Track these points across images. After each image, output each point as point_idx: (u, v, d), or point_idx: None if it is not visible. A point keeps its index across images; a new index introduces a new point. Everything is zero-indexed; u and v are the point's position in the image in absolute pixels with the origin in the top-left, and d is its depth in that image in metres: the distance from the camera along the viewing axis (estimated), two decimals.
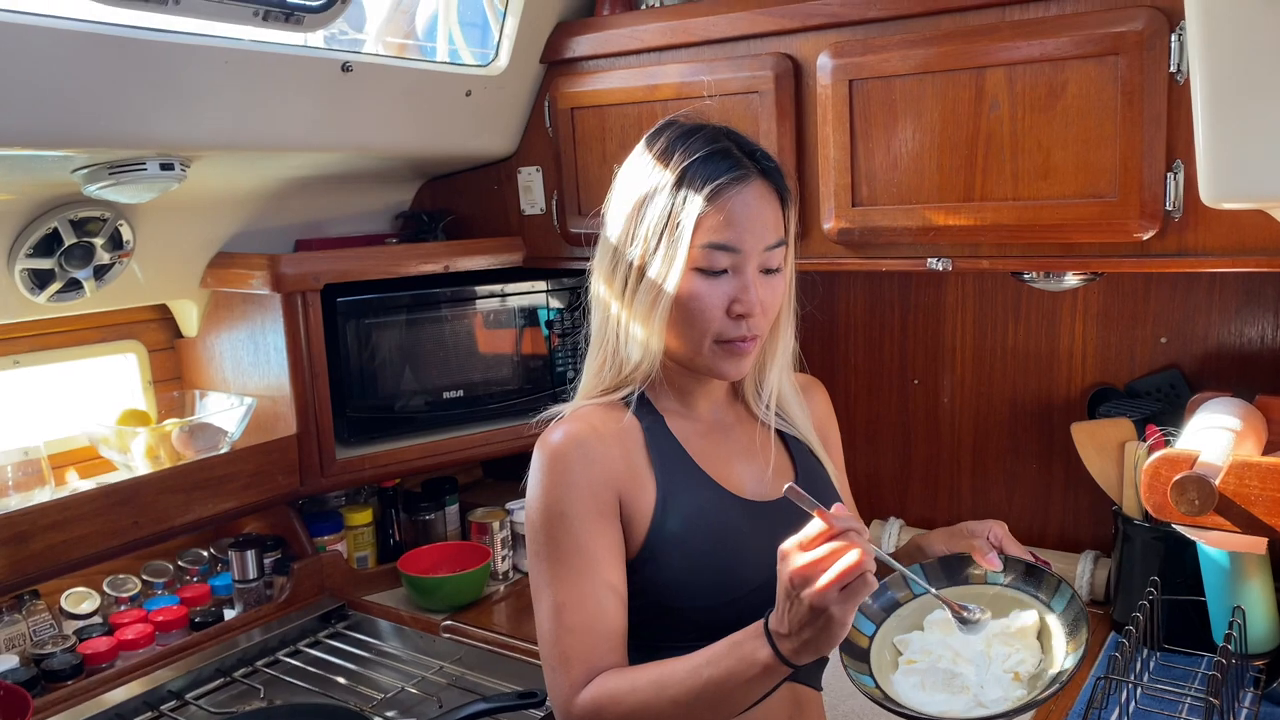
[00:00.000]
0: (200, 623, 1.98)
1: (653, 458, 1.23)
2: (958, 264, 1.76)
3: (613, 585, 1.18)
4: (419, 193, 2.43)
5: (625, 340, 1.25)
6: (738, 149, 1.22)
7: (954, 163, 1.71)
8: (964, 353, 2.13)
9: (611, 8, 2.08)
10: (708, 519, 1.22)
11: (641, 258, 1.21)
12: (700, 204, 1.17)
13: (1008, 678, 1.14)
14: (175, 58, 1.54)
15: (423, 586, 2.08)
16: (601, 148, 2.09)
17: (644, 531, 1.21)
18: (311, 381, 2.06)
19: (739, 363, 1.22)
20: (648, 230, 1.20)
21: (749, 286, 1.18)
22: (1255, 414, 1.64)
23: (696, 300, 1.18)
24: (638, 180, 1.23)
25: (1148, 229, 1.57)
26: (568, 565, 1.17)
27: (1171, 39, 1.50)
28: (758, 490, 1.29)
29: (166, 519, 1.87)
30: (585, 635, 1.15)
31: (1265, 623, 1.63)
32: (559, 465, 1.18)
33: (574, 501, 1.17)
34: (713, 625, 1.18)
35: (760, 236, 1.19)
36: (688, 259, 1.17)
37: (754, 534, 1.23)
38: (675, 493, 1.22)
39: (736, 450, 1.31)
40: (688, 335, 1.21)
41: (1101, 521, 2.00)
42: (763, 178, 1.21)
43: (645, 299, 1.21)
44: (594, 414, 1.25)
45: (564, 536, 1.17)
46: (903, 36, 1.72)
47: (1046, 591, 1.22)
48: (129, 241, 1.89)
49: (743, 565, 1.21)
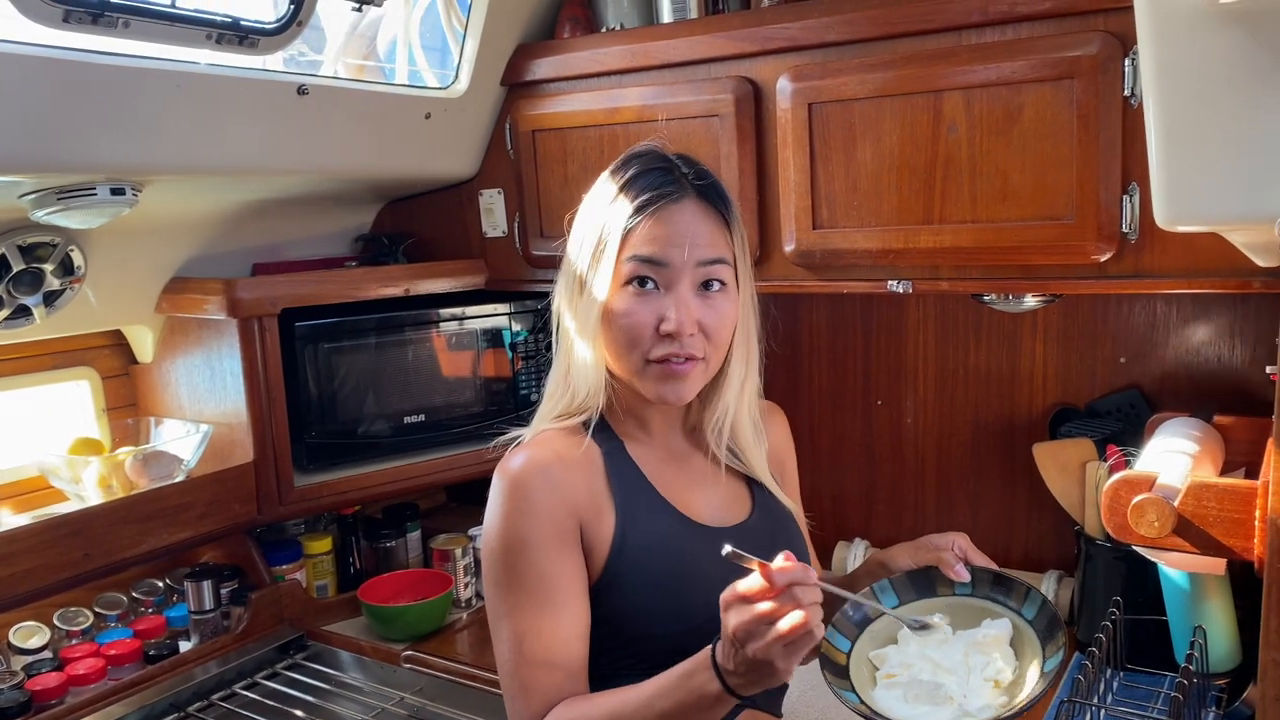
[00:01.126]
0: (154, 655, 1.93)
1: (612, 484, 1.22)
2: (918, 286, 1.76)
3: (575, 615, 1.17)
4: (379, 215, 2.41)
5: (577, 363, 1.24)
6: (678, 168, 1.21)
7: (913, 185, 1.71)
8: (926, 373, 2.13)
9: (572, 31, 2.07)
10: (667, 546, 1.21)
11: (581, 276, 1.21)
12: (627, 216, 1.17)
13: (988, 686, 1.13)
14: (126, 81, 1.52)
15: (383, 616, 2.04)
16: (563, 170, 2.09)
17: (604, 558, 1.19)
18: (269, 408, 2.02)
19: (677, 386, 1.19)
20: (584, 246, 1.21)
21: (679, 303, 1.16)
22: (1213, 434, 1.65)
23: (626, 317, 1.17)
24: (587, 205, 1.25)
25: (1105, 251, 1.58)
26: (529, 595, 1.15)
27: (1125, 63, 1.52)
28: (716, 516, 1.27)
29: (119, 550, 1.83)
30: (545, 666, 1.14)
31: (1226, 642, 1.64)
32: (520, 492, 1.16)
33: (536, 530, 1.15)
34: (672, 652, 1.17)
35: (692, 251, 1.17)
36: (616, 273, 1.17)
37: (712, 561, 1.20)
38: (635, 519, 1.21)
39: (695, 477, 1.30)
40: (624, 355, 1.19)
41: (1065, 541, 2.00)
42: (699, 195, 1.20)
43: (583, 316, 1.21)
44: (555, 439, 1.23)
45: (525, 565, 1.15)
46: (861, 60, 1.73)
47: (1016, 599, 1.22)
48: (80, 267, 1.85)
49: (701, 592, 1.18)
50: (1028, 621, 1.19)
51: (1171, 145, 1.30)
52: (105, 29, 1.42)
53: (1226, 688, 1.63)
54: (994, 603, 1.22)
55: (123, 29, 1.44)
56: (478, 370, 2.32)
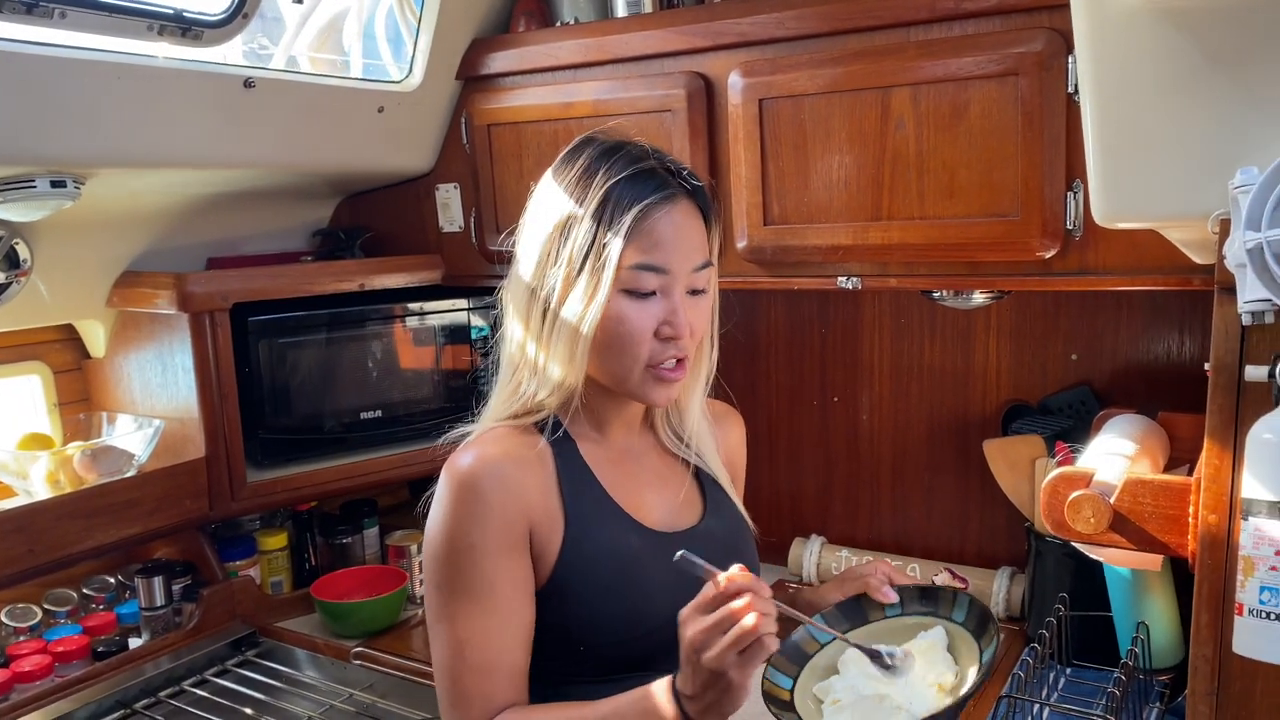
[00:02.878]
0: (103, 652, 1.92)
1: (563, 486, 1.18)
2: (867, 282, 1.76)
3: (519, 622, 1.13)
4: (337, 209, 2.40)
5: (542, 367, 1.19)
6: (663, 168, 1.18)
7: (862, 182, 1.71)
8: (882, 370, 2.13)
9: (527, 24, 2.06)
10: (617, 552, 1.18)
11: (565, 281, 1.15)
12: (628, 225, 1.12)
13: (932, 690, 1.13)
14: (64, 72, 1.50)
15: (336, 612, 2.03)
16: (518, 165, 2.08)
17: (552, 563, 1.16)
18: (220, 403, 2.01)
19: (669, 389, 1.19)
20: (571, 254, 1.14)
21: (678, 308, 1.15)
22: (1158, 431, 1.66)
23: (624, 324, 1.14)
24: (556, 202, 1.18)
25: (1049, 248, 1.59)
26: (472, 600, 1.11)
27: (1069, 60, 1.52)
28: (667, 521, 1.25)
29: (64, 546, 1.82)
30: (487, 673, 1.10)
31: (1168, 637, 1.65)
32: (469, 494, 1.12)
33: (484, 533, 1.11)
34: (618, 660, 1.15)
35: (688, 257, 1.16)
36: (614, 281, 1.13)
37: (662, 568, 1.16)
38: (585, 524, 1.17)
39: (648, 479, 1.27)
40: (617, 361, 1.16)
41: (1017, 538, 2.01)
42: (689, 197, 1.18)
43: (568, 325, 1.15)
44: (507, 437, 1.19)
45: (470, 569, 1.11)
46: (810, 56, 1.73)
47: (945, 608, 1.21)
48: (26, 260, 1.84)
49: (649, 600, 1.17)
50: (959, 624, 1.19)
51: (1108, 143, 1.30)
52: (40, 19, 1.40)
53: (1170, 683, 1.64)
54: (924, 615, 1.22)
55: (59, 19, 1.42)
56: (435, 366, 2.31)
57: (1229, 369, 1.22)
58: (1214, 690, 1.22)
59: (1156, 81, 1.25)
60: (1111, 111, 1.29)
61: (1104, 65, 1.28)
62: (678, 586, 1.14)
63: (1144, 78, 1.26)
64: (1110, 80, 1.28)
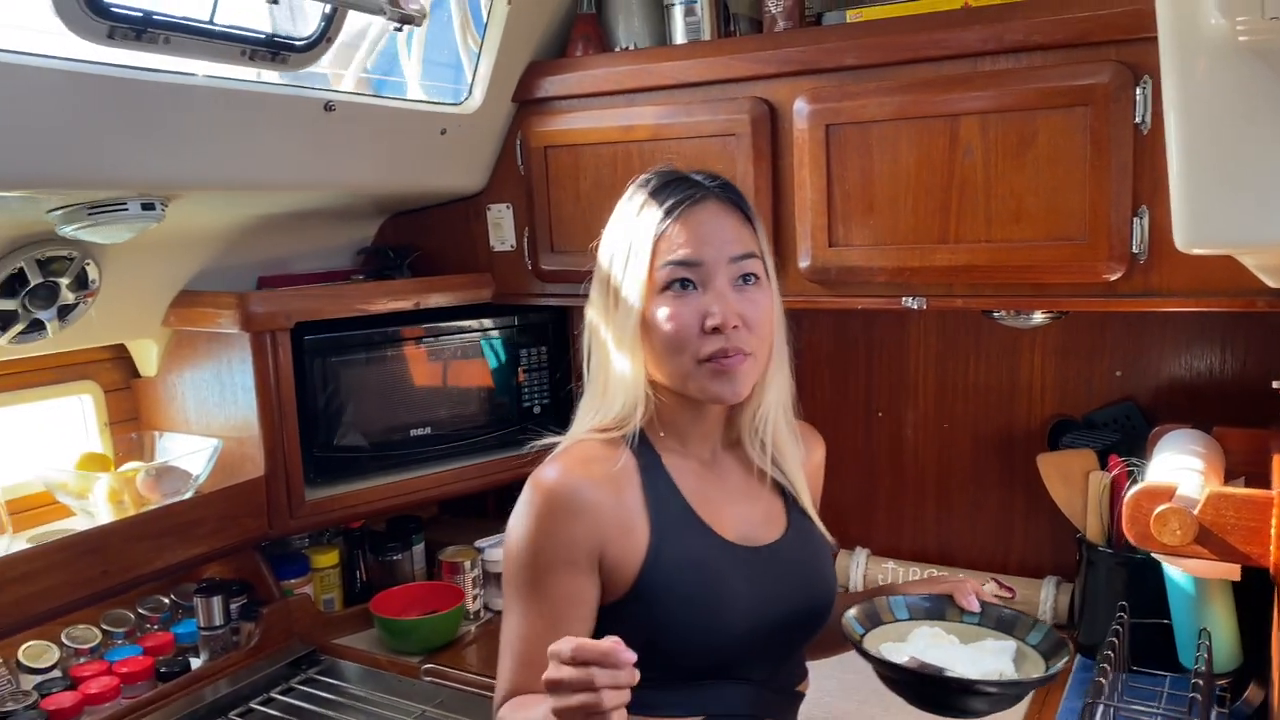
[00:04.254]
0: (166, 673, 1.91)
1: (648, 499, 1.23)
2: (932, 303, 1.82)
3: (567, 630, 1.17)
4: (381, 228, 2.42)
5: (614, 376, 1.25)
6: (692, 176, 1.26)
7: (929, 206, 1.77)
8: (927, 387, 2.19)
9: (584, 49, 2.10)
10: (698, 564, 1.22)
11: (616, 294, 1.24)
12: (656, 224, 1.20)
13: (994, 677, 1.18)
14: (162, 97, 1.51)
15: (397, 629, 2.04)
16: (575, 186, 2.11)
17: (635, 572, 1.20)
18: (280, 422, 2.02)
19: (731, 382, 1.20)
20: (615, 259, 1.24)
21: (720, 297, 1.19)
22: (1214, 445, 1.73)
23: (670, 320, 1.19)
24: (610, 227, 1.29)
25: (1115, 270, 1.65)
26: (536, 607, 1.19)
27: (1136, 92, 1.59)
28: (746, 534, 1.28)
29: (135, 567, 1.82)
30: (526, 666, 1.19)
31: (1228, 643, 1.71)
32: (546, 512, 1.19)
33: (553, 551, 1.18)
34: (695, 667, 1.21)
35: (722, 248, 1.20)
36: (651, 281, 1.20)
37: (741, 580, 1.24)
38: (668, 536, 1.22)
39: (730, 493, 1.31)
40: (672, 360, 1.21)
41: (1061, 548, 2.07)
42: (717, 195, 1.24)
43: (619, 329, 1.23)
44: (592, 450, 1.24)
45: (536, 578, 1.19)
46: (878, 84, 1.78)
47: (1021, 630, 1.27)
48: (94, 281, 1.84)
49: (727, 611, 1.22)
50: (1032, 646, 1.24)
51: (1193, 171, 1.37)
52: (146, 45, 1.41)
53: (1228, 687, 1.71)
54: (1000, 631, 1.27)
55: (163, 45, 1.43)
56: (482, 384, 2.34)
57: None
58: None
59: (1244, 113, 1.31)
60: (1196, 141, 1.35)
61: (1192, 97, 1.34)
62: (753, 598, 1.22)
63: (1231, 109, 1.32)
64: (1196, 110, 1.34)
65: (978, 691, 1.13)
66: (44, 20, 1.42)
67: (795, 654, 1.34)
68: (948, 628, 1.28)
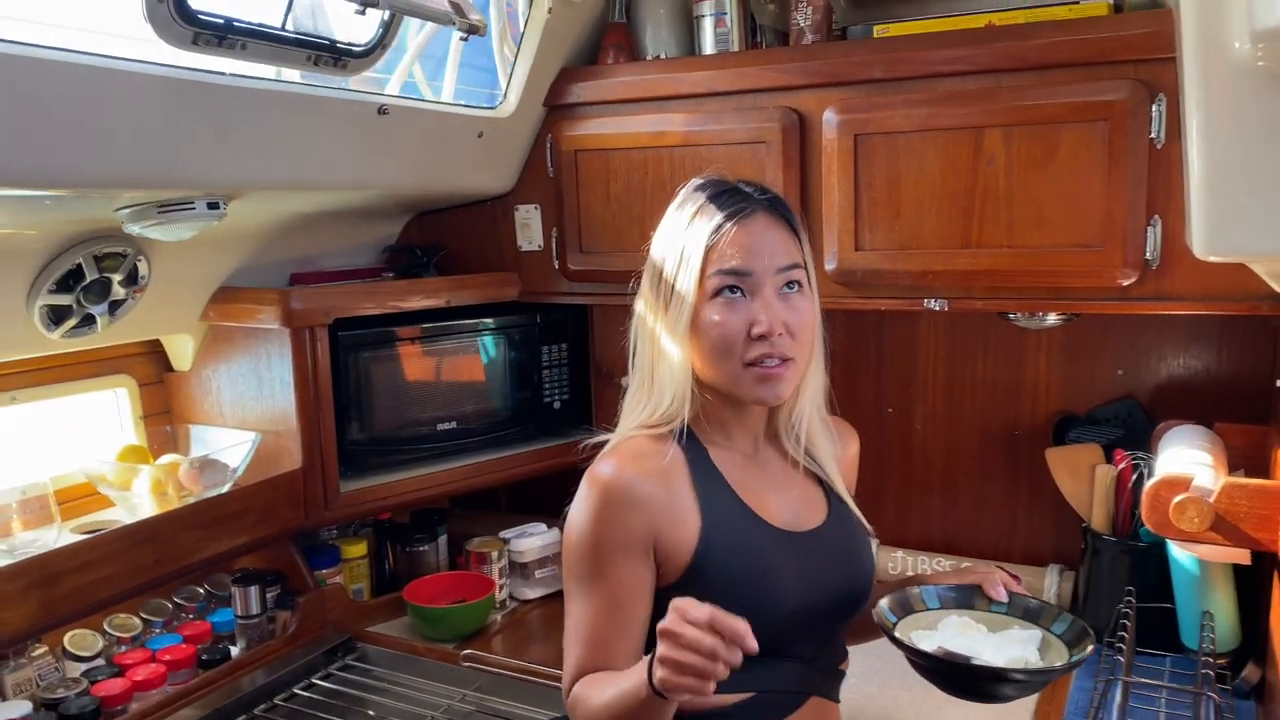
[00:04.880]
0: (208, 661, 1.96)
1: (697, 489, 1.31)
2: (953, 305, 1.93)
3: (629, 613, 1.28)
4: (407, 227, 2.47)
5: (663, 374, 1.33)
6: (743, 188, 1.33)
7: (952, 212, 1.87)
8: (935, 384, 2.30)
9: (615, 57, 2.17)
10: (747, 548, 1.31)
11: (667, 298, 1.31)
12: (708, 235, 1.28)
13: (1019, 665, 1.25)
14: (232, 100, 1.56)
15: (431, 616, 2.11)
16: (605, 189, 2.19)
17: (688, 557, 1.29)
18: (318, 415, 2.07)
19: (775, 387, 1.28)
20: (667, 264, 1.32)
21: (766, 305, 1.27)
22: (1216, 440, 1.85)
23: (719, 326, 1.27)
24: (662, 231, 1.36)
25: (1130, 276, 1.76)
26: (596, 593, 1.28)
27: (1152, 109, 1.70)
28: (790, 520, 1.37)
29: (185, 556, 1.86)
30: (593, 648, 1.27)
31: (1228, 625, 1.83)
32: (603, 504, 1.27)
33: (612, 541, 1.27)
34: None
35: (770, 259, 1.28)
36: (703, 289, 1.27)
37: (788, 563, 1.32)
38: (718, 523, 1.30)
39: (772, 482, 1.39)
40: (719, 363, 1.29)
41: (1064, 537, 2.19)
42: (767, 208, 1.31)
43: (670, 329, 1.31)
44: (643, 445, 1.32)
45: (594, 564, 1.27)
46: (905, 96, 1.88)
47: (1047, 619, 1.33)
48: (144, 277, 1.88)
49: (777, 591, 1.30)
50: (1057, 635, 1.31)
51: (1213, 185, 1.48)
52: (226, 51, 1.47)
53: (1228, 665, 1.83)
54: (1026, 620, 1.34)
55: (240, 51, 1.49)
56: (505, 379, 2.40)
57: None
58: None
59: (1262, 133, 1.42)
60: (1218, 158, 1.46)
61: (1213, 116, 1.45)
62: (798, 579, 1.31)
63: (1250, 129, 1.43)
64: (1219, 130, 1.45)
65: (1003, 678, 1.20)
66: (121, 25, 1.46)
67: (838, 634, 1.42)
68: (976, 617, 1.35)
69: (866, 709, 1.79)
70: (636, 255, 2.12)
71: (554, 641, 2.09)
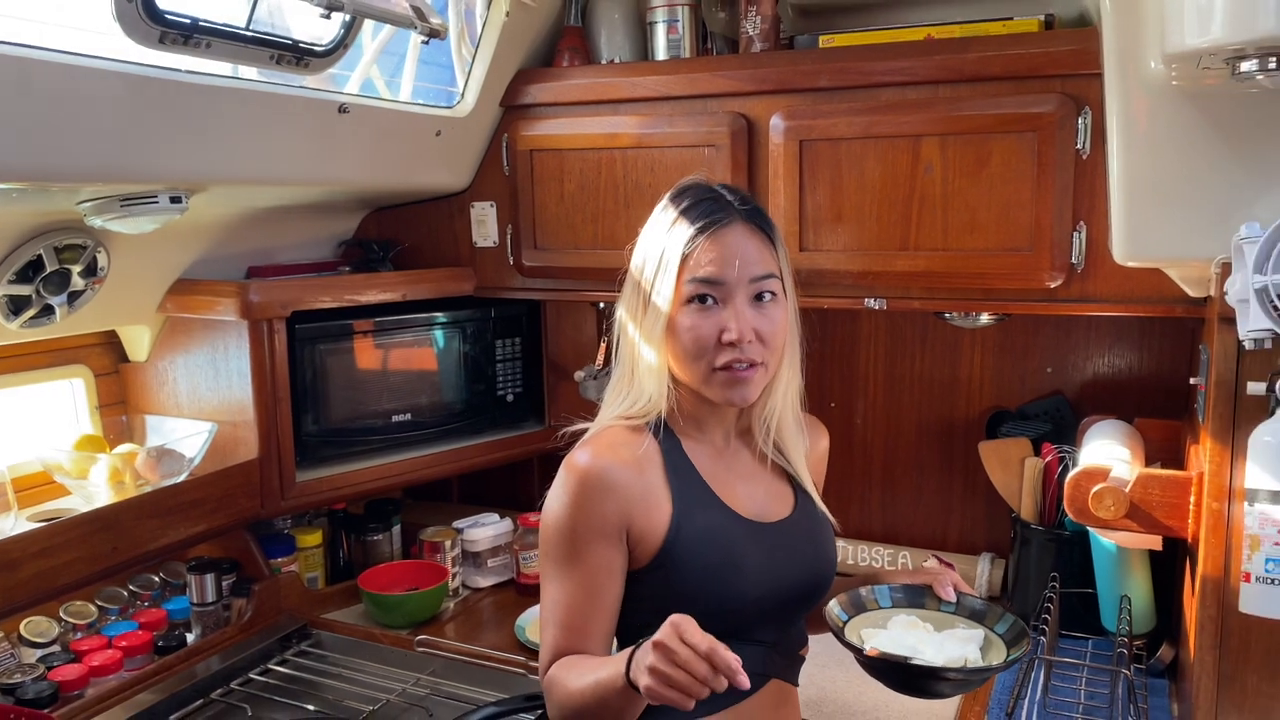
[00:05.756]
0: (164, 647, 1.99)
1: (670, 478, 1.38)
2: (891, 304, 2.02)
3: (603, 597, 1.34)
4: (364, 222, 2.51)
5: (639, 374, 1.40)
6: (724, 196, 1.39)
7: (892, 216, 1.96)
8: (876, 380, 2.39)
9: (570, 60, 2.23)
10: (716, 536, 1.37)
11: (646, 300, 1.37)
12: (686, 244, 1.34)
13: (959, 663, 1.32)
14: (195, 96, 1.60)
15: (385, 604, 2.16)
16: (559, 188, 2.25)
17: (659, 543, 1.35)
18: (275, 406, 2.11)
19: (742, 389, 1.35)
20: (647, 267, 1.38)
21: (737, 314, 1.33)
22: (1135, 434, 1.96)
23: (691, 331, 1.34)
24: (645, 234, 1.42)
25: (1056, 278, 1.87)
26: (572, 575, 1.34)
27: (1078, 121, 1.80)
28: (758, 511, 1.43)
29: (142, 544, 1.90)
30: (567, 630, 1.33)
31: (1144, 608, 1.95)
32: (579, 491, 1.33)
33: (588, 526, 1.33)
34: (713, 630, 1.34)
35: (744, 269, 1.34)
36: (678, 294, 1.34)
37: (754, 551, 1.39)
38: (688, 511, 1.37)
39: (742, 474, 1.46)
40: (694, 365, 1.35)
41: (995, 527, 2.30)
42: (745, 219, 1.37)
43: (648, 331, 1.37)
44: (619, 435, 1.39)
45: (572, 551, 1.33)
46: (849, 105, 1.97)
47: (991, 620, 1.40)
48: (104, 269, 1.90)
49: (742, 578, 1.37)
50: (998, 635, 1.38)
51: (1131, 195, 1.59)
52: (192, 49, 1.50)
53: (1144, 647, 1.94)
54: (971, 620, 1.41)
55: (205, 50, 1.52)
56: (460, 372, 2.46)
57: (1227, 384, 1.49)
58: (1217, 644, 1.51)
59: (1176, 146, 1.54)
60: (1134, 168, 1.57)
61: (1131, 131, 1.56)
62: (764, 569, 1.38)
63: (1165, 142, 1.54)
64: (1136, 143, 1.57)
65: (938, 676, 1.28)
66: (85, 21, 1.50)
67: (799, 621, 1.49)
68: (925, 615, 1.42)
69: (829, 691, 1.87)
70: (589, 252, 2.25)
71: (505, 628, 2.15)
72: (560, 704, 1.30)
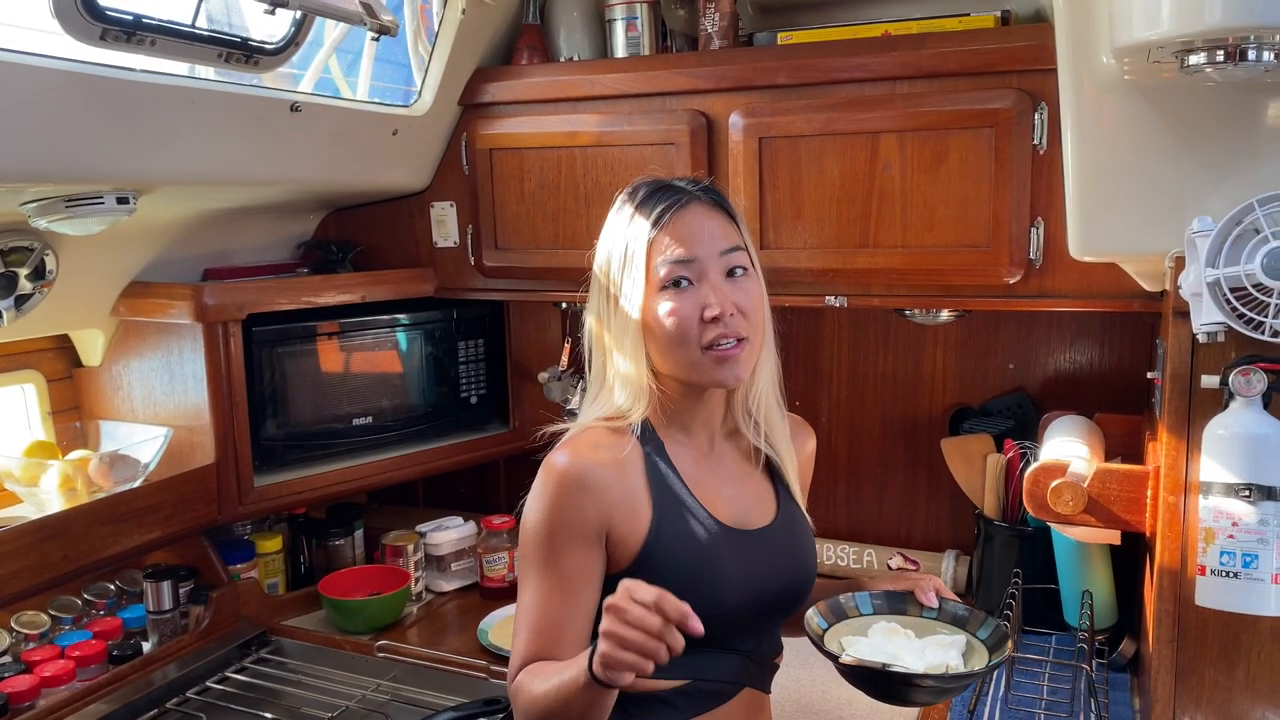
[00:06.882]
0: (119, 656, 1.95)
1: (651, 483, 1.35)
2: (852, 301, 2.01)
3: (579, 600, 1.31)
4: (323, 223, 2.48)
5: (618, 372, 1.37)
6: (677, 183, 1.38)
7: (851, 213, 1.95)
8: (840, 377, 2.39)
9: (529, 58, 2.22)
10: (695, 542, 1.35)
11: (615, 295, 1.35)
12: (649, 230, 1.32)
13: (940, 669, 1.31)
14: (141, 95, 1.57)
15: (346, 609, 2.13)
16: (520, 187, 2.23)
17: (637, 547, 1.33)
18: (231, 410, 2.08)
19: (733, 367, 1.32)
20: (613, 266, 1.36)
21: (715, 288, 1.31)
22: (1095, 429, 1.97)
23: (672, 315, 1.31)
24: (606, 232, 1.40)
25: (1014, 274, 1.87)
26: (549, 577, 1.31)
27: (1035, 116, 1.81)
28: (739, 518, 1.41)
29: (95, 552, 1.86)
30: (541, 634, 1.30)
31: (1106, 603, 1.95)
32: (558, 494, 1.30)
33: (566, 527, 1.30)
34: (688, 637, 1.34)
35: (711, 244, 1.33)
36: (650, 283, 1.32)
37: (732, 560, 1.37)
38: (669, 517, 1.34)
39: (726, 478, 1.43)
40: (679, 351, 1.32)
41: (959, 524, 2.30)
42: (702, 198, 1.37)
43: (620, 329, 1.35)
44: (600, 437, 1.35)
45: (550, 554, 1.31)
46: (807, 102, 1.96)
47: (973, 625, 1.39)
48: (52, 272, 1.87)
49: (720, 586, 1.35)
50: (980, 640, 1.37)
51: (1086, 190, 1.59)
52: (135, 47, 1.48)
53: (1106, 641, 1.95)
54: (953, 626, 1.40)
55: (149, 47, 1.50)
56: (422, 375, 2.43)
57: (1182, 378, 1.49)
58: (1175, 637, 1.51)
59: (1129, 141, 1.54)
60: (1091, 164, 1.57)
61: (1085, 126, 1.57)
62: (744, 577, 1.36)
63: (1118, 138, 1.54)
64: (1090, 138, 1.57)
65: (914, 684, 1.25)
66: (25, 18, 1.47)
67: (776, 629, 1.47)
68: (906, 622, 1.40)
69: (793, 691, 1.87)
70: (551, 252, 2.23)
71: (469, 632, 2.13)
72: (525, 710, 1.28)
